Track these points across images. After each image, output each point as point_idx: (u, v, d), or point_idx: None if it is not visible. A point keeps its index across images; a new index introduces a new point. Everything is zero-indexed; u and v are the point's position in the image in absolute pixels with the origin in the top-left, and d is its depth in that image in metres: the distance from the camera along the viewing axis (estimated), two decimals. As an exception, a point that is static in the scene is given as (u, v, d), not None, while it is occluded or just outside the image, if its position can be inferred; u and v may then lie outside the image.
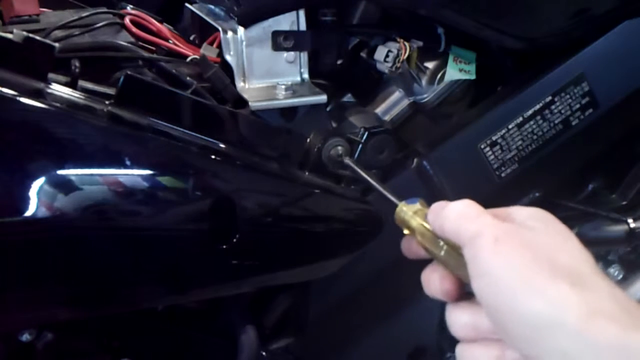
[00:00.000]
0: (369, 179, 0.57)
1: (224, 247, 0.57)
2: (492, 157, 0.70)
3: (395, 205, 0.47)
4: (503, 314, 0.36)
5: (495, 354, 0.39)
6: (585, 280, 0.36)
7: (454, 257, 0.41)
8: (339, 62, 0.73)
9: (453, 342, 0.44)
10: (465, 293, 0.42)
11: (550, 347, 0.34)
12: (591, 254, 0.39)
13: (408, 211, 0.46)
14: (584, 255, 0.38)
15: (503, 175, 0.71)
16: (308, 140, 0.64)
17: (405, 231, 0.46)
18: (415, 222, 0.45)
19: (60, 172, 0.51)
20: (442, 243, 0.42)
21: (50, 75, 0.54)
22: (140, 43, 0.69)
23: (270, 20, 0.65)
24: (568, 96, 0.72)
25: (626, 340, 0.32)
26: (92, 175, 0.52)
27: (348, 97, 0.76)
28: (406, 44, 0.70)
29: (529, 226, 0.39)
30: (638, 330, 0.33)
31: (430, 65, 0.74)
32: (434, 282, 0.42)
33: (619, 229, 0.79)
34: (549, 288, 0.35)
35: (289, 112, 0.68)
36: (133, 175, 0.53)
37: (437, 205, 0.43)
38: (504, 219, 0.40)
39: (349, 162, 0.62)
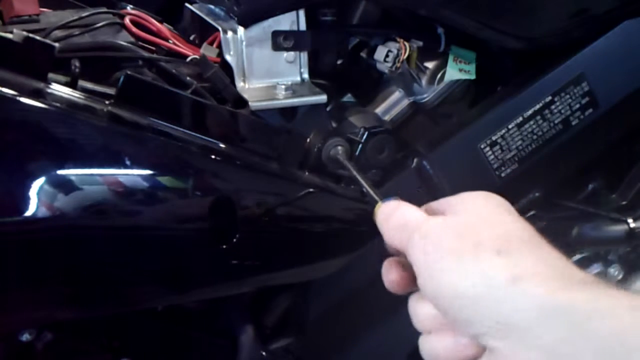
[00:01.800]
0: (359, 178, 0.56)
1: (224, 247, 0.57)
2: (492, 157, 0.70)
3: (376, 203, 0.48)
4: (444, 300, 0.38)
5: (449, 341, 0.40)
6: (511, 248, 0.37)
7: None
8: (339, 62, 0.73)
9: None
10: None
11: (487, 319, 0.35)
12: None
13: None
14: (513, 226, 0.39)
15: (503, 175, 0.71)
16: (308, 140, 0.64)
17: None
18: None
19: (61, 172, 0.51)
20: None
21: (50, 75, 0.54)
22: (140, 43, 0.69)
23: (270, 20, 0.65)
24: (568, 96, 0.72)
25: (552, 299, 0.33)
26: (92, 175, 0.52)
27: (348, 97, 0.76)
28: (406, 44, 0.70)
29: (456, 211, 0.42)
30: (565, 290, 0.34)
31: (430, 65, 0.74)
32: (391, 274, 0.45)
33: (619, 229, 0.79)
34: (475, 261, 0.37)
35: (289, 112, 0.68)
36: (133, 175, 0.53)
37: (380, 219, 0.46)
38: (441, 211, 0.43)
39: (341, 158, 0.62)
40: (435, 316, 0.41)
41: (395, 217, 0.45)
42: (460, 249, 0.38)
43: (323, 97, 0.66)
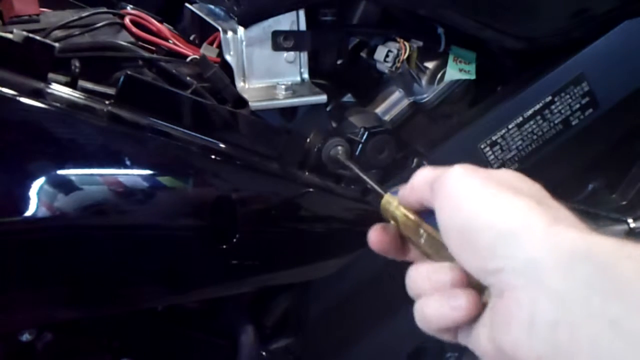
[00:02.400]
0: (362, 175, 0.57)
1: (224, 247, 0.57)
2: (492, 157, 0.70)
3: (381, 197, 0.49)
4: (469, 232, 0.37)
5: (444, 300, 0.39)
6: (547, 201, 0.37)
7: (433, 243, 0.42)
8: (339, 62, 0.73)
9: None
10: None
11: (517, 255, 0.34)
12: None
13: (393, 202, 0.47)
14: (542, 190, 0.40)
15: (503, 175, 0.71)
16: (308, 140, 0.64)
17: (392, 222, 0.48)
18: (399, 212, 0.46)
19: (61, 172, 0.51)
20: (422, 231, 0.43)
21: (50, 75, 0.54)
22: (140, 43, 0.69)
23: (270, 20, 0.65)
24: (568, 96, 0.72)
25: (585, 242, 0.33)
26: (92, 175, 0.52)
27: (348, 97, 0.76)
28: (406, 44, 0.70)
29: (491, 170, 0.41)
30: (596, 237, 0.34)
31: (430, 65, 0.74)
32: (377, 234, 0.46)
33: (619, 229, 0.79)
34: (516, 201, 0.36)
35: (289, 112, 0.68)
36: (133, 175, 0.53)
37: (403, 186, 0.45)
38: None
39: (342, 158, 0.62)
40: (433, 277, 0.41)
41: (419, 176, 0.44)
42: (501, 192, 0.37)
43: (323, 97, 0.66)
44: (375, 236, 0.47)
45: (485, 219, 0.36)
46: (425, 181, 0.43)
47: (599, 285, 0.32)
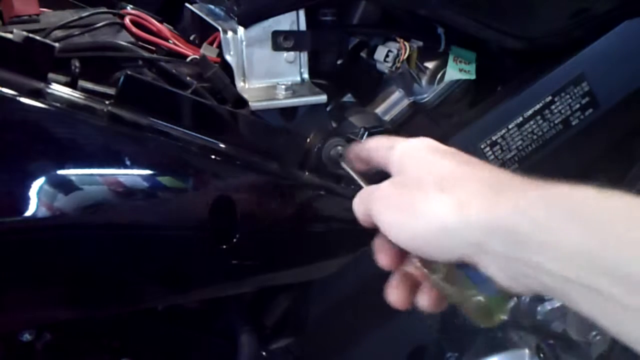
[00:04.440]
0: (354, 174, 0.57)
1: (224, 247, 0.57)
2: (492, 157, 0.70)
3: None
4: (409, 244, 0.43)
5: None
6: (448, 181, 0.42)
7: (449, 273, 0.44)
8: (339, 62, 0.73)
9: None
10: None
11: (453, 245, 0.40)
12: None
13: None
14: (445, 162, 0.44)
15: (503, 175, 0.71)
16: (308, 140, 0.64)
17: None
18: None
19: (61, 172, 0.51)
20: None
21: (50, 75, 0.54)
22: (140, 43, 0.69)
23: (270, 20, 0.65)
24: (568, 96, 0.72)
25: (490, 220, 0.38)
26: (92, 175, 0.52)
27: (348, 97, 0.76)
28: (406, 44, 0.70)
29: (400, 170, 0.47)
30: (499, 198, 0.38)
31: (430, 65, 0.74)
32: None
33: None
34: (425, 203, 0.41)
35: (289, 112, 0.68)
36: (133, 175, 0.53)
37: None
38: (384, 167, 0.49)
39: (338, 158, 0.62)
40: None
41: (357, 197, 0.50)
42: (410, 200, 0.42)
43: (323, 97, 0.66)
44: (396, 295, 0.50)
45: (412, 232, 0.42)
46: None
47: (513, 244, 0.37)
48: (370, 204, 0.46)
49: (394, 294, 0.49)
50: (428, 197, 0.41)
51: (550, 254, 0.35)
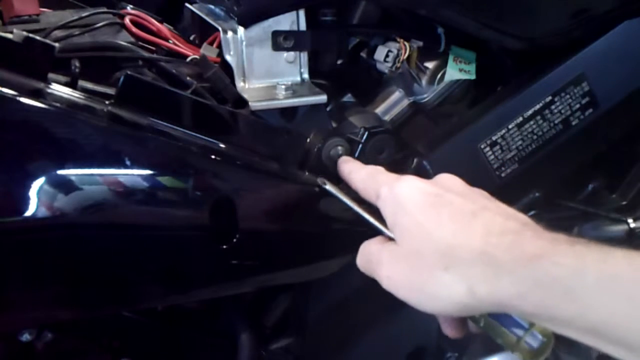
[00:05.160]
0: (362, 212, 0.57)
1: (224, 247, 0.57)
2: (492, 157, 0.70)
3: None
4: (434, 312, 0.46)
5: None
6: (449, 259, 0.43)
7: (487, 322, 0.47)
8: (339, 62, 0.73)
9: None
10: None
11: (467, 314, 0.45)
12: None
13: None
14: (438, 230, 0.44)
15: (503, 175, 0.71)
16: (308, 140, 0.64)
17: None
18: None
19: (61, 172, 0.51)
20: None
21: (50, 75, 0.54)
22: (140, 43, 0.69)
23: (270, 20, 0.65)
24: (568, 96, 0.72)
25: (496, 294, 0.41)
26: (92, 175, 0.52)
27: (348, 97, 0.76)
28: (406, 44, 0.70)
29: (395, 230, 0.48)
30: (499, 282, 0.41)
31: (430, 65, 0.74)
32: None
33: (619, 229, 0.79)
34: (434, 285, 0.44)
35: (289, 112, 0.68)
36: (133, 175, 0.53)
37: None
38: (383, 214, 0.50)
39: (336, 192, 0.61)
40: None
41: (360, 256, 0.54)
42: (418, 281, 0.44)
43: (323, 97, 0.66)
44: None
45: (440, 308, 0.45)
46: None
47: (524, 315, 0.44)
48: (377, 276, 0.49)
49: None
50: (436, 279, 0.43)
51: (556, 327, 0.40)
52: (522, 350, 0.45)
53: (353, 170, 0.58)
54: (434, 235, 0.44)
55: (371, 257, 0.50)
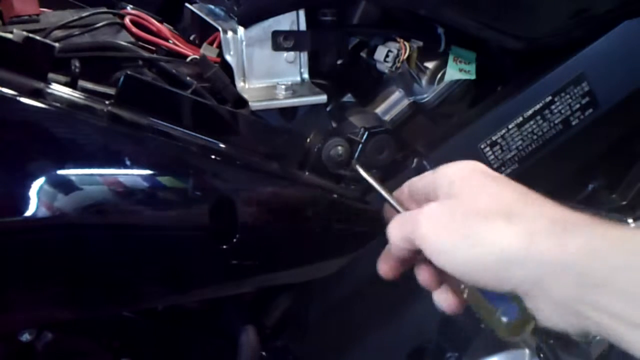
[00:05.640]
0: (380, 189, 0.56)
1: (224, 247, 0.57)
2: (492, 157, 0.70)
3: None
4: (467, 273, 0.41)
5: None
6: (514, 211, 0.40)
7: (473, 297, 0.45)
8: (339, 62, 0.73)
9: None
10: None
11: (513, 279, 0.39)
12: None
13: None
14: (505, 191, 0.42)
15: (503, 175, 0.71)
16: (308, 140, 0.64)
17: None
18: None
19: (61, 172, 0.51)
20: (463, 286, 0.45)
21: (50, 75, 0.54)
22: (140, 43, 0.69)
23: (270, 20, 0.65)
24: (568, 96, 0.72)
25: (560, 256, 0.37)
26: (92, 175, 0.52)
27: (348, 97, 0.76)
28: (406, 44, 0.70)
29: (451, 194, 0.44)
30: (569, 238, 0.38)
31: (430, 65, 0.74)
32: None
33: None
34: (487, 232, 0.40)
35: (289, 112, 0.68)
36: (133, 175, 0.53)
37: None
38: (430, 194, 0.46)
39: (360, 170, 0.60)
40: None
41: (396, 219, 0.47)
42: (469, 225, 0.40)
43: (323, 97, 0.66)
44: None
45: (472, 261, 0.40)
46: (402, 239, 0.46)
47: (582, 285, 0.37)
48: (415, 226, 0.43)
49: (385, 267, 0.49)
50: (492, 225, 0.40)
51: (625, 299, 0.35)
52: (498, 323, 0.43)
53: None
54: (499, 193, 0.42)
55: (413, 215, 0.45)
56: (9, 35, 0.52)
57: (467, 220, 0.40)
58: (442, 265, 0.42)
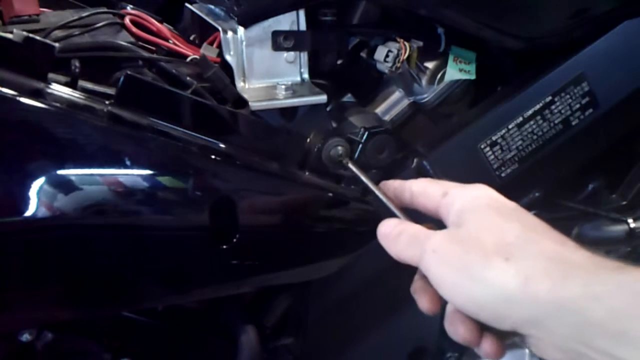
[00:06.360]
0: (375, 190, 0.56)
1: (224, 247, 0.57)
2: (492, 157, 0.70)
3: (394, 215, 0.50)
4: (468, 308, 0.42)
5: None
6: (514, 251, 0.41)
7: None
8: (339, 62, 0.73)
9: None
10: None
11: (512, 317, 0.40)
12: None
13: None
14: (509, 228, 0.43)
15: (503, 175, 0.71)
16: (308, 140, 0.64)
17: None
18: None
19: (61, 172, 0.51)
20: None
21: (50, 75, 0.54)
22: (140, 43, 0.69)
23: (270, 20, 0.65)
24: (568, 96, 0.72)
25: (557, 297, 0.38)
26: (92, 175, 0.52)
27: (348, 97, 0.76)
28: (406, 44, 0.70)
29: (459, 223, 0.45)
30: (567, 280, 0.38)
31: (430, 65, 0.74)
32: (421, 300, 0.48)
33: (619, 229, 0.79)
34: (487, 271, 0.40)
35: (289, 112, 0.68)
36: (133, 175, 0.53)
37: (385, 233, 0.49)
38: (437, 214, 0.47)
39: (356, 171, 0.61)
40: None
41: (402, 235, 0.47)
42: (471, 262, 0.41)
43: (323, 97, 0.66)
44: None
45: (473, 299, 0.41)
46: (410, 249, 0.46)
47: (581, 327, 0.37)
48: (423, 253, 0.44)
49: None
50: (491, 264, 0.40)
51: (624, 342, 0.35)
52: None
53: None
54: (501, 227, 0.42)
55: (419, 232, 0.46)
56: (9, 35, 0.52)
57: (469, 257, 0.41)
58: (447, 298, 0.43)
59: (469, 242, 0.42)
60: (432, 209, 0.48)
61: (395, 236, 0.47)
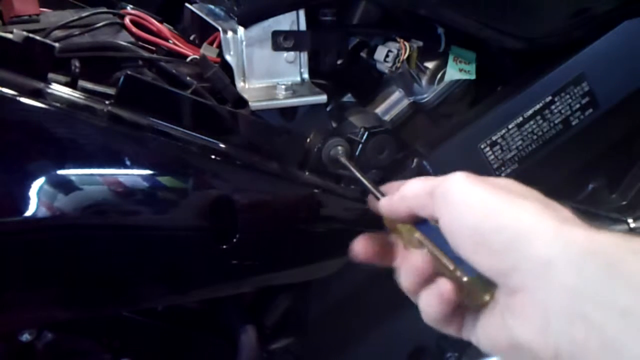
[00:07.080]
0: (360, 176, 0.57)
1: (224, 247, 0.57)
2: (492, 157, 0.70)
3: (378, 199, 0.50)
4: (482, 235, 0.38)
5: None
6: (551, 205, 0.38)
7: (435, 257, 0.43)
8: (339, 62, 0.73)
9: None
10: None
11: (529, 255, 0.35)
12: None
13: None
14: (541, 195, 0.41)
15: (503, 175, 0.71)
16: (308, 140, 0.64)
17: (392, 231, 0.50)
18: (404, 227, 0.47)
19: (61, 172, 0.51)
20: (426, 250, 0.44)
21: (50, 75, 0.54)
22: (140, 43, 0.69)
23: (270, 20, 0.65)
24: (568, 96, 0.72)
25: (593, 240, 0.34)
26: (92, 175, 0.52)
27: (348, 97, 0.76)
28: (406, 44, 0.70)
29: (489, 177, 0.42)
30: (600, 233, 0.35)
31: (430, 65, 0.74)
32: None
33: (619, 229, 0.79)
34: (526, 204, 0.37)
35: (289, 112, 0.68)
36: (133, 175, 0.53)
37: (390, 195, 0.47)
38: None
39: (342, 158, 0.62)
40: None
41: (405, 192, 0.45)
42: (509, 195, 0.38)
43: (323, 97, 0.66)
44: (361, 247, 0.49)
45: (498, 222, 0.37)
46: (422, 191, 0.43)
47: (608, 280, 0.32)
48: (446, 180, 0.41)
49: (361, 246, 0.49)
50: (531, 201, 0.38)
51: None
52: (458, 281, 0.40)
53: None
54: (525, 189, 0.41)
55: (423, 182, 0.43)
56: (9, 35, 0.52)
57: (504, 193, 0.39)
58: (453, 226, 0.39)
59: (508, 187, 0.40)
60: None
61: (399, 198, 0.45)
